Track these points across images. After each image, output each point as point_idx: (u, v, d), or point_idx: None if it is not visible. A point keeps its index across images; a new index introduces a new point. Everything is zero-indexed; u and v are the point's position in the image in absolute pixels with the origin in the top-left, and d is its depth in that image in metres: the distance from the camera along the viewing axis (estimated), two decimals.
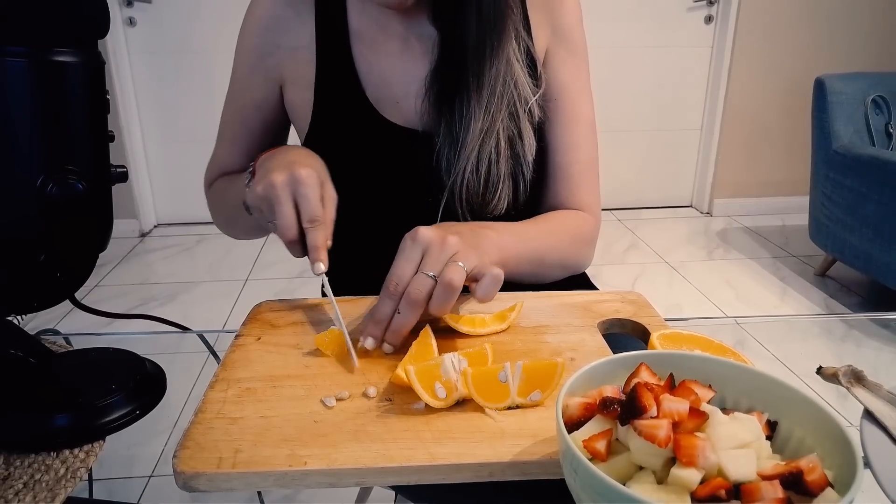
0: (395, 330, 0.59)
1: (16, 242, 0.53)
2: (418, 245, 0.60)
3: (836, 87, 2.47)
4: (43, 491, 0.46)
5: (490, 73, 0.75)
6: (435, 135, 0.78)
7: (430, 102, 0.78)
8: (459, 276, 0.58)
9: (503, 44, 0.76)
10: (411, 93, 0.80)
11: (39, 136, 0.51)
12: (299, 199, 0.62)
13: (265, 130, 0.89)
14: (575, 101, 0.84)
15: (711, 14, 3.27)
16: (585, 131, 0.85)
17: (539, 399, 0.50)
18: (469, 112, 0.76)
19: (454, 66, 0.77)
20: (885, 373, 0.55)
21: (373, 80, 0.81)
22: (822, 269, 2.70)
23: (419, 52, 0.80)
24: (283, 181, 0.62)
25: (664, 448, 0.35)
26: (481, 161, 0.77)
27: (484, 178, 0.77)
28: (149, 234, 3.27)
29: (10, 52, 0.48)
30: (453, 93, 0.77)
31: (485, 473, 0.45)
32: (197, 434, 0.47)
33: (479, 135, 0.76)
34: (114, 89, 2.99)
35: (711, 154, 3.47)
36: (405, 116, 0.80)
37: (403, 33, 0.81)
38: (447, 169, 0.78)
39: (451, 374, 0.52)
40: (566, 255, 0.83)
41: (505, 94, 0.77)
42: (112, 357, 0.62)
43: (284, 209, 0.61)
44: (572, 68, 0.84)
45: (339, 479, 0.44)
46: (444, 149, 0.78)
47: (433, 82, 0.78)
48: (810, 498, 0.34)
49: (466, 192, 0.78)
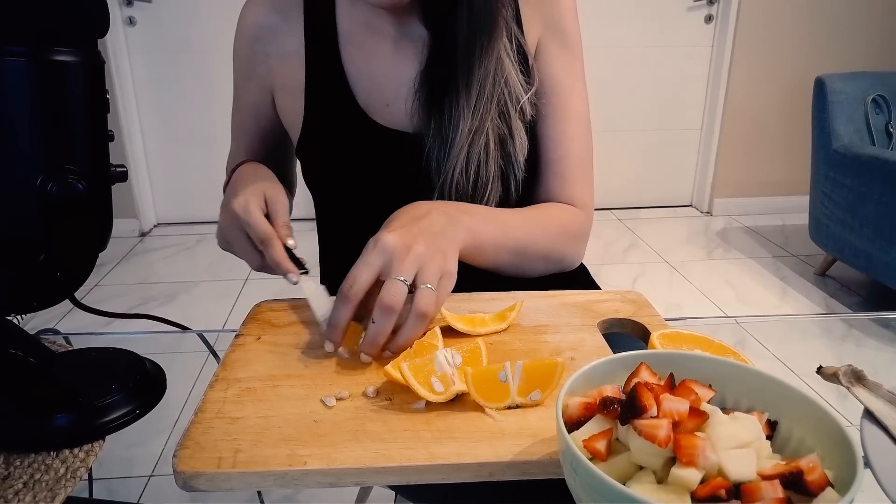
0: (371, 341, 0.57)
1: (16, 242, 0.53)
2: (380, 252, 0.59)
3: (837, 87, 2.47)
4: (43, 491, 0.46)
5: (479, 72, 0.75)
6: (424, 136, 0.78)
7: (419, 103, 0.78)
8: (429, 304, 0.57)
9: (493, 42, 0.75)
10: (401, 95, 0.79)
11: (39, 135, 0.51)
12: (245, 229, 0.66)
13: (263, 134, 0.90)
14: (567, 96, 0.83)
15: (711, 13, 3.27)
16: (578, 125, 0.83)
17: (539, 399, 0.50)
18: (458, 112, 0.75)
19: (443, 65, 0.76)
20: (885, 372, 0.55)
21: (362, 83, 0.80)
22: (822, 268, 2.70)
23: (409, 54, 0.80)
24: (227, 224, 0.68)
25: (664, 448, 0.35)
26: (470, 161, 0.76)
27: (473, 179, 0.77)
28: (149, 234, 3.27)
29: (9, 51, 0.48)
30: (442, 93, 0.76)
31: (485, 473, 0.45)
32: (197, 434, 0.47)
33: (468, 135, 0.75)
34: (113, 89, 2.99)
35: (711, 154, 3.47)
36: (395, 119, 0.80)
37: (394, 35, 0.80)
38: (437, 170, 0.77)
39: (446, 369, 0.52)
40: (551, 248, 0.80)
41: (495, 93, 0.76)
42: (112, 357, 0.62)
43: (238, 245, 0.68)
44: (565, 62, 0.83)
45: (339, 479, 0.44)
46: (434, 150, 0.77)
47: (423, 83, 0.78)
48: (810, 498, 0.34)
49: (456, 192, 0.77)
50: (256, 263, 0.68)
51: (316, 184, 0.88)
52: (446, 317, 0.62)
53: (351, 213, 0.87)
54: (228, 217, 0.68)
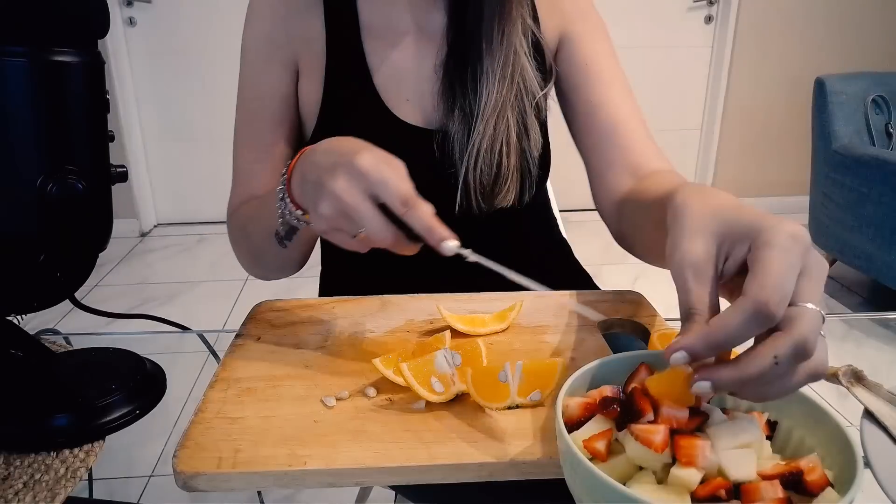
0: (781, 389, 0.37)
1: (16, 242, 0.53)
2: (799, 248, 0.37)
3: (836, 87, 2.47)
4: (43, 491, 0.46)
5: (500, 56, 0.75)
6: (445, 130, 0.77)
7: (440, 95, 0.78)
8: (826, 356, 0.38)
9: (511, 31, 0.75)
10: (421, 90, 0.79)
11: (39, 135, 0.51)
12: (376, 189, 0.49)
13: (290, 127, 0.80)
14: (608, 64, 0.81)
15: (711, 14, 3.27)
16: (626, 91, 0.80)
17: (539, 399, 0.50)
18: (480, 94, 0.75)
19: (463, 51, 0.76)
20: (885, 373, 0.55)
21: (385, 75, 0.79)
22: None
23: (430, 48, 0.79)
24: (346, 183, 0.49)
25: (660, 454, 0.35)
26: (494, 147, 0.76)
27: (495, 172, 0.76)
28: (149, 234, 3.27)
29: (10, 51, 0.48)
30: (464, 79, 0.76)
31: (485, 473, 0.45)
32: (197, 434, 0.47)
33: (492, 116, 0.75)
34: (114, 89, 2.99)
35: (711, 154, 3.47)
36: (416, 113, 0.79)
37: (414, 27, 0.80)
38: (457, 164, 0.77)
39: (446, 369, 0.52)
40: None
41: (514, 81, 0.76)
42: (112, 357, 0.62)
43: (366, 213, 0.49)
44: (596, 39, 0.82)
45: (339, 479, 0.44)
46: (455, 144, 0.76)
47: (444, 72, 0.78)
48: (810, 498, 0.34)
49: (479, 182, 0.76)
50: (391, 237, 0.50)
51: None
52: (446, 317, 0.62)
53: None
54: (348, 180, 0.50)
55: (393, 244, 0.51)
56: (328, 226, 0.52)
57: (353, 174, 0.49)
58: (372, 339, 0.62)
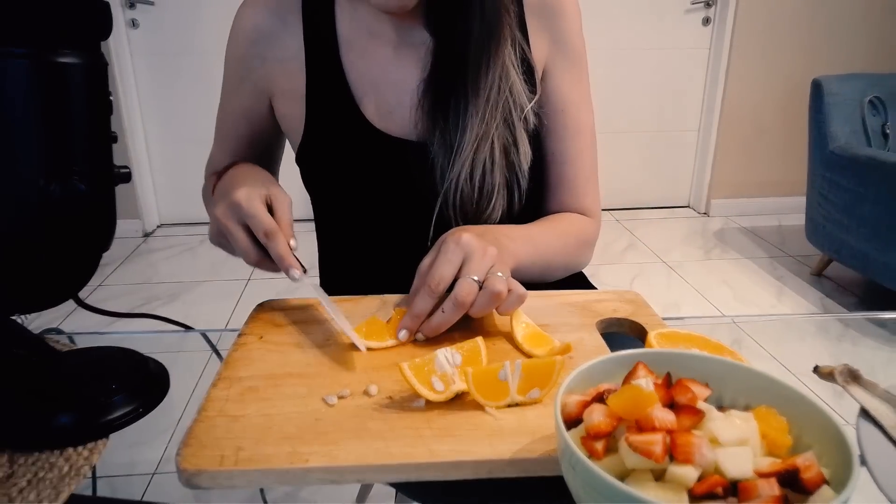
0: (436, 326, 0.61)
1: (19, 242, 0.53)
2: (461, 249, 0.62)
3: (833, 89, 2.48)
4: (47, 489, 0.47)
5: (487, 80, 0.74)
6: (429, 143, 0.77)
7: (423, 111, 0.77)
8: (503, 287, 0.60)
9: (500, 50, 0.75)
10: (404, 102, 0.78)
11: (42, 137, 0.51)
12: (247, 220, 0.63)
13: (253, 137, 0.88)
14: (578, 113, 0.84)
15: (709, 16, 3.27)
16: (588, 141, 0.86)
17: (538, 397, 0.51)
18: (465, 119, 0.75)
19: (449, 73, 0.75)
20: (881, 372, 0.56)
21: (364, 90, 0.79)
22: (819, 268, 2.71)
23: (411, 61, 0.79)
24: (225, 212, 0.64)
25: (661, 463, 0.35)
26: (475, 169, 0.76)
27: (478, 187, 0.77)
28: (152, 234, 3.27)
29: (12, 53, 0.48)
30: (448, 100, 0.75)
31: (484, 471, 0.45)
32: (199, 432, 0.48)
33: (474, 142, 0.75)
34: (116, 91, 2.99)
35: (709, 155, 3.47)
36: (398, 126, 0.79)
37: (395, 41, 0.79)
38: (441, 178, 0.77)
39: (447, 368, 0.52)
40: (570, 258, 0.84)
41: (500, 101, 0.76)
42: (115, 356, 0.62)
43: (237, 237, 0.64)
44: (574, 79, 0.84)
45: (340, 477, 0.45)
46: (438, 157, 0.77)
47: (427, 90, 0.77)
48: (806, 495, 0.34)
49: (460, 200, 0.77)
50: (253, 258, 0.64)
51: (317, 190, 0.88)
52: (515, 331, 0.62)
53: (352, 219, 0.87)
54: (227, 209, 0.64)
55: (257, 263, 0.65)
56: (216, 240, 0.70)
57: (231, 205, 0.64)
58: None
